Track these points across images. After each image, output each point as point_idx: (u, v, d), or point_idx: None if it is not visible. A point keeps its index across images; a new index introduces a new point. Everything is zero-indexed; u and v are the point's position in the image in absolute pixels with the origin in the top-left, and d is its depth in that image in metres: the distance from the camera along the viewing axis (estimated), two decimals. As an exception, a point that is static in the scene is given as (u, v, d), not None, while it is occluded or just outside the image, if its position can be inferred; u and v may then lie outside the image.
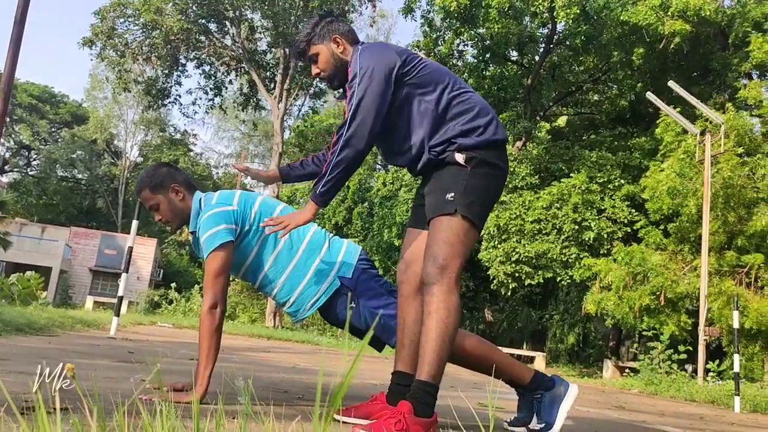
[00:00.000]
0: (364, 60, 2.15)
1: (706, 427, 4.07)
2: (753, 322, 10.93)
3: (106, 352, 4.27)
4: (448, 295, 2.02)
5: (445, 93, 2.19)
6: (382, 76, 2.12)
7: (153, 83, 22.58)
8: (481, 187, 2.12)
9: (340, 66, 2.29)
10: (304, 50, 2.34)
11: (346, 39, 2.29)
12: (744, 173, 11.89)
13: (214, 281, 2.32)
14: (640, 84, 16.22)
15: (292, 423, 1.85)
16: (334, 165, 2.07)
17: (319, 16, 2.34)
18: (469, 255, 2.14)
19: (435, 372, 1.98)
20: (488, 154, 2.15)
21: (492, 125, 2.19)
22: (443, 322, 1.99)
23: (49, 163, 45.15)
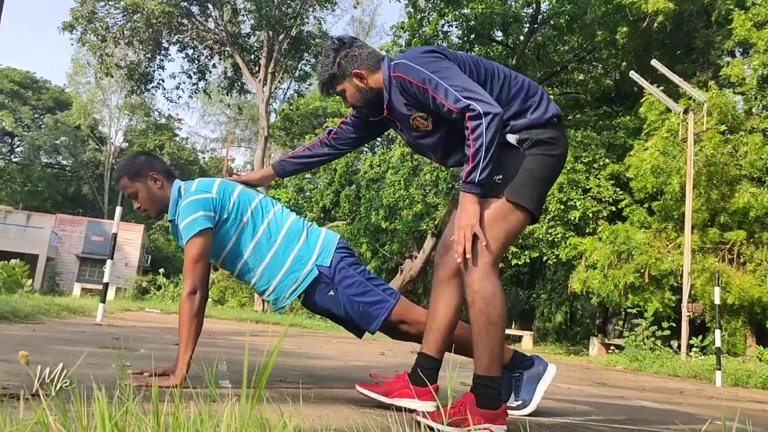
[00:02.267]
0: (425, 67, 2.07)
1: (683, 401, 4.16)
2: (735, 297, 11.10)
3: (90, 338, 4.28)
4: (484, 282, 1.97)
5: (494, 81, 2.14)
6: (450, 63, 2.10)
7: (135, 68, 22.33)
8: (534, 168, 2.06)
9: (370, 95, 2.25)
10: (330, 90, 2.29)
11: (367, 69, 2.21)
12: (727, 151, 12.00)
13: (193, 267, 2.34)
14: (625, 63, 16.26)
15: (258, 405, 1.88)
16: (486, 147, 1.95)
17: (334, 51, 2.24)
18: (512, 240, 2.08)
19: (488, 364, 1.97)
20: (542, 132, 2.09)
21: (543, 102, 2.14)
22: (483, 314, 1.96)
23: (33, 150, 44.66)
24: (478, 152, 1.96)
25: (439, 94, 2.02)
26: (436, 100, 2.03)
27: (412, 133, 2.28)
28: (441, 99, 2.02)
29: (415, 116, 2.18)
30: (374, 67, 2.22)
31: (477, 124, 1.95)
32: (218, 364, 3.38)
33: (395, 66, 2.14)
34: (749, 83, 12.62)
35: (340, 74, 2.23)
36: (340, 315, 2.47)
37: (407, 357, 5.83)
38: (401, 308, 2.46)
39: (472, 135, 1.96)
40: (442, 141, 2.24)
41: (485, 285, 1.97)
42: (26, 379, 1.98)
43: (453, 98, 1.99)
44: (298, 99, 25.87)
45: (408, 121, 2.22)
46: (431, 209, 18.73)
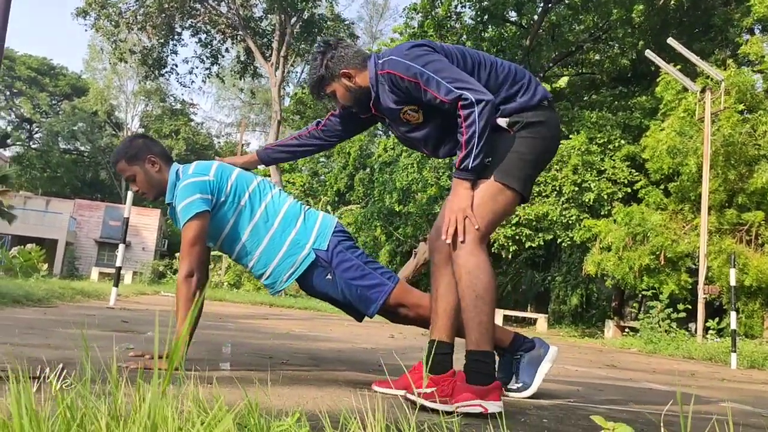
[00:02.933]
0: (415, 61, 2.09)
1: (693, 383, 4.11)
2: (753, 279, 10.94)
3: (100, 322, 4.32)
4: (469, 257, 2.00)
5: (481, 70, 2.17)
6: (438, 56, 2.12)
7: (149, 53, 22.36)
8: (523, 151, 2.09)
9: (360, 94, 2.27)
10: (318, 92, 2.32)
11: (355, 67, 2.24)
12: (745, 130, 11.76)
13: (190, 250, 2.33)
14: (641, 42, 15.98)
15: (246, 387, 1.87)
16: (479, 135, 1.98)
17: (320, 53, 2.27)
18: (499, 219, 2.11)
19: (477, 338, 1.98)
20: (532, 114, 2.13)
21: (531, 85, 2.17)
22: (470, 289, 1.98)
23: (51, 136, 45.08)
24: (471, 139, 2.00)
25: (431, 87, 2.05)
26: (428, 93, 2.07)
27: (400, 128, 2.30)
28: (433, 91, 2.05)
29: (405, 110, 2.21)
30: (361, 65, 2.25)
31: (469, 112, 1.99)
32: (222, 347, 3.40)
33: (383, 63, 2.17)
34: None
35: (328, 75, 2.26)
36: (338, 299, 2.46)
37: (417, 339, 5.83)
38: (399, 291, 2.44)
39: (465, 122, 2.00)
40: (432, 132, 2.27)
41: (470, 260, 2.00)
42: (26, 362, 1.99)
43: (445, 89, 2.03)
44: (311, 83, 25.79)
45: (397, 115, 2.24)
46: (445, 192, 18.65)
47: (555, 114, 2.23)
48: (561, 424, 1.91)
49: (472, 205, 2.03)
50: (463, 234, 2.02)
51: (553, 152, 2.25)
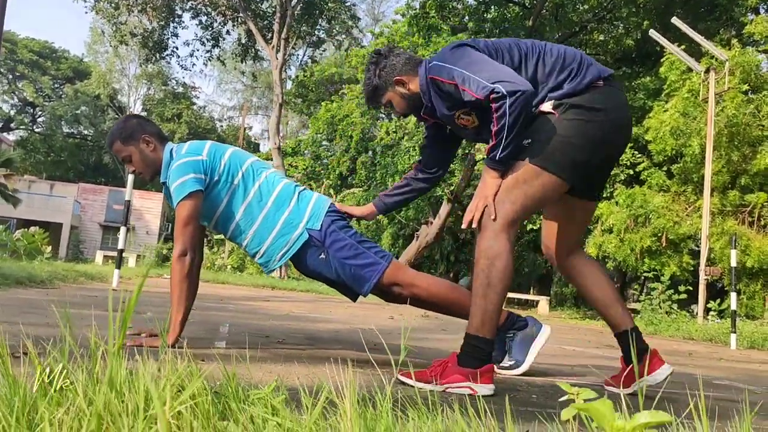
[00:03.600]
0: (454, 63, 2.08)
1: (690, 362, 4.13)
2: (755, 260, 10.94)
3: (101, 302, 4.36)
4: (491, 242, 1.98)
5: (528, 61, 2.12)
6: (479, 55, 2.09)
7: (149, 35, 22.26)
8: (567, 135, 2.02)
9: (416, 100, 2.27)
10: (377, 103, 2.33)
11: (408, 74, 2.24)
12: (749, 111, 11.69)
13: (184, 229, 2.35)
14: (646, 22, 15.83)
15: (236, 363, 1.89)
16: (509, 126, 1.94)
17: (373, 64, 2.28)
18: (535, 203, 2.06)
19: (478, 324, 1.98)
20: (581, 98, 2.05)
21: (582, 68, 2.09)
22: (484, 275, 1.97)
23: (54, 120, 45.06)
24: (500, 131, 1.96)
25: (467, 87, 2.02)
26: (465, 92, 2.03)
27: (464, 132, 2.29)
28: (469, 90, 2.01)
29: (458, 114, 2.19)
30: (413, 71, 2.25)
31: (500, 104, 1.95)
32: (220, 326, 3.43)
33: (430, 69, 2.16)
34: (773, 41, 12.24)
35: (383, 85, 2.27)
36: (332, 278, 2.47)
37: (416, 321, 5.86)
38: (393, 270, 2.45)
39: (496, 114, 1.97)
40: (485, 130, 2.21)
41: (492, 245, 1.98)
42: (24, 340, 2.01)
43: (479, 86, 1.98)
44: (312, 65, 25.68)
45: (454, 120, 2.22)
46: (447, 175, 18.62)
47: (613, 93, 2.11)
48: (550, 400, 1.93)
49: (504, 185, 2.01)
50: (488, 215, 2.00)
51: (614, 137, 2.13)
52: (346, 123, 21.99)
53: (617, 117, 2.10)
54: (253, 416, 0.86)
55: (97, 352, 0.97)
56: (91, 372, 0.91)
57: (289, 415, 0.86)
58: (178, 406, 0.76)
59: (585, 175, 2.11)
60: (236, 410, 0.89)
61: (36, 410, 0.83)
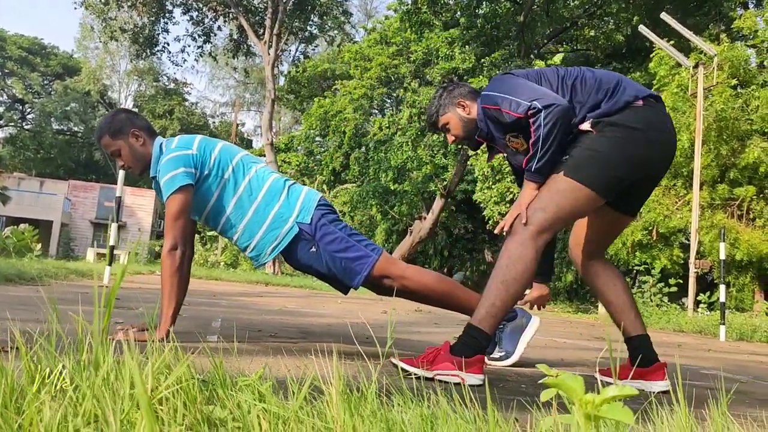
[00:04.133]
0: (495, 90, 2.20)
1: (678, 353, 4.17)
2: (744, 253, 11.03)
3: (91, 299, 4.35)
4: (518, 246, 2.03)
5: (564, 84, 2.17)
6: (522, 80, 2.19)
7: (140, 31, 22.14)
8: (602, 150, 2.05)
9: (471, 125, 2.38)
10: (435, 122, 2.45)
11: (469, 100, 2.39)
12: (737, 105, 11.77)
13: (174, 224, 2.36)
14: (636, 17, 15.87)
15: (227, 356, 1.90)
16: (543, 138, 2.02)
17: (442, 88, 2.44)
18: (567, 215, 2.09)
19: (482, 316, 2.01)
20: (619, 116, 2.08)
21: (619, 88, 2.13)
22: (502, 272, 2.02)
23: (44, 117, 44.76)
24: (536, 143, 2.04)
25: (507, 108, 2.11)
26: (507, 114, 2.13)
27: (516, 157, 2.35)
28: (508, 111, 2.11)
29: (508, 138, 2.26)
30: (473, 99, 2.39)
31: (536, 118, 2.02)
32: (212, 321, 3.44)
33: (481, 98, 2.27)
34: (762, 35, 12.31)
35: (445, 104, 2.40)
36: (323, 271, 2.49)
37: (409, 315, 5.88)
38: (384, 263, 2.46)
39: (533, 127, 2.04)
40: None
41: (518, 248, 2.03)
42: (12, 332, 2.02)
43: (517, 106, 2.08)
44: (305, 61, 25.61)
45: (505, 144, 2.31)
46: (440, 170, 18.65)
47: (655, 113, 2.14)
48: (538, 388, 1.95)
49: (539, 195, 2.08)
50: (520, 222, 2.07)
51: (654, 155, 2.15)
52: (339, 119, 21.97)
53: (656, 136, 2.12)
54: (240, 402, 0.88)
55: (84, 341, 0.99)
56: (79, 360, 0.92)
57: (276, 400, 0.88)
58: (163, 390, 0.78)
59: (621, 190, 2.15)
60: (223, 397, 0.90)
61: (23, 397, 0.85)
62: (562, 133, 2.03)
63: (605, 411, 0.60)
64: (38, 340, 1.03)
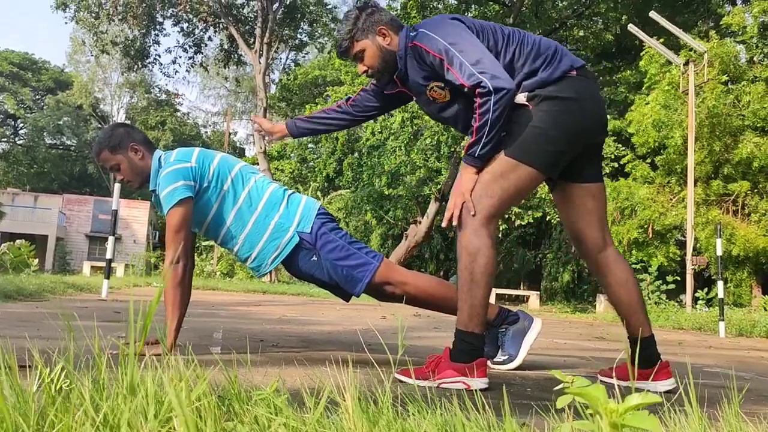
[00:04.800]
0: (442, 36, 2.06)
1: (680, 351, 4.19)
2: (740, 249, 11.09)
3: (92, 313, 4.34)
4: (471, 238, 1.98)
5: (508, 46, 2.11)
6: (469, 35, 2.07)
7: (131, 44, 22.14)
8: (542, 125, 2.01)
9: (389, 59, 2.21)
10: (348, 48, 2.23)
11: (391, 29, 2.20)
12: (729, 101, 11.85)
13: (175, 236, 2.36)
14: (625, 16, 15.97)
15: (233, 367, 1.90)
16: (491, 124, 1.95)
17: (358, 9, 2.23)
18: (513, 196, 2.05)
19: (466, 319, 1.99)
20: (555, 88, 2.04)
21: (556, 58, 2.09)
22: (467, 271, 1.98)
23: (37, 131, 44.66)
24: (482, 128, 1.97)
25: (453, 67, 2.01)
26: (450, 71, 2.03)
27: (430, 106, 2.26)
28: (455, 72, 2.01)
29: (432, 86, 2.16)
30: (395, 30, 2.21)
31: (485, 100, 1.95)
32: (214, 332, 3.43)
33: (416, 35, 2.13)
34: (750, 31, 12.41)
35: (363, 29, 2.20)
36: (324, 280, 2.49)
37: (409, 320, 5.88)
38: (385, 270, 2.47)
39: (480, 110, 1.96)
40: (462, 112, 2.20)
41: (472, 241, 1.99)
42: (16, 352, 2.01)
43: (467, 73, 1.98)
44: (295, 69, 25.65)
45: (425, 92, 2.20)
46: (434, 173, 18.66)
47: (587, 83, 2.12)
48: (544, 392, 1.96)
49: (480, 179, 2.01)
50: (467, 211, 2.01)
51: (590, 125, 2.12)
52: (331, 125, 21.95)
53: (591, 106, 2.11)
54: (257, 416, 0.88)
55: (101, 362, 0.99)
56: (97, 379, 0.92)
57: (293, 414, 0.88)
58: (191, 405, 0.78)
59: (563, 164, 2.11)
60: (240, 412, 0.90)
61: (45, 417, 0.85)
62: (506, 116, 1.97)
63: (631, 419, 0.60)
64: (57, 359, 1.03)
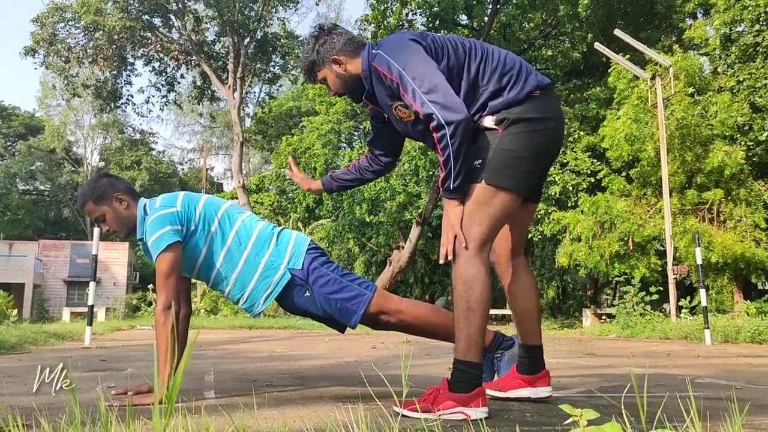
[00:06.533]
0: (397, 60, 2.07)
1: (670, 363, 4.22)
2: (719, 255, 11.24)
3: (77, 363, 4.26)
4: (466, 267, 1.99)
5: (471, 62, 2.12)
6: (425, 58, 2.07)
7: (103, 86, 22.07)
8: (514, 148, 2.03)
9: (351, 81, 2.24)
10: (312, 77, 2.30)
11: (346, 54, 2.22)
12: (697, 112, 12.12)
13: (165, 282, 2.34)
14: (590, 34, 16.33)
15: (232, 412, 1.89)
16: (454, 157, 1.96)
17: (313, 38, 2.26)
18: (500, 221, 2.06)
19: (464, 349, 1.99)
20: (522, 109, 2.06)
21: (521, 77, 2.09)
22: (463, 300, 1.99)
23: (9, 178, 44.09)
24: (447, 162, 1.99)
25: (407, 93, 2.03)
26: (405, 98, 2.05)
27: (399, 123, 2.26)
28: (409, 99, 2.03)
29: (396, 105, 2.17)
30: (353, 53, 2.22)
31: (441, 135, 1.96)
32: (205, 375, 3.39)
33: (373, 56, 2.14)
34: (713, 43, 12.75)
35: (319, 61, 2.24)
36: (319, 314, 2.48)
37: (399, 348, 5.86)
38: (378, 299, 2.47)
39: (439, 145, 1.98)
40: (428, 129, 2.17)
41: (467, 269, 2.00)
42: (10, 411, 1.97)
43: (419, 101, 1.99)
44: (270, 101, 25.74)
45: (392, 110, 2.21)
46: (414, 198, 18.77)
47: (551, 101, 2.15)
48: (542, 416, 1.96)
49: (466, 210, 2.03)
50: (459, 242, 2.03)
51: (555, 143, 2.17)
52: (308, 155, 22.03)
53: (557, 125, 2.16)
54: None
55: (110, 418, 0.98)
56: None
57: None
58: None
59: (534, 182, 2.16)
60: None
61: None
62: (468, 143, 1.99)
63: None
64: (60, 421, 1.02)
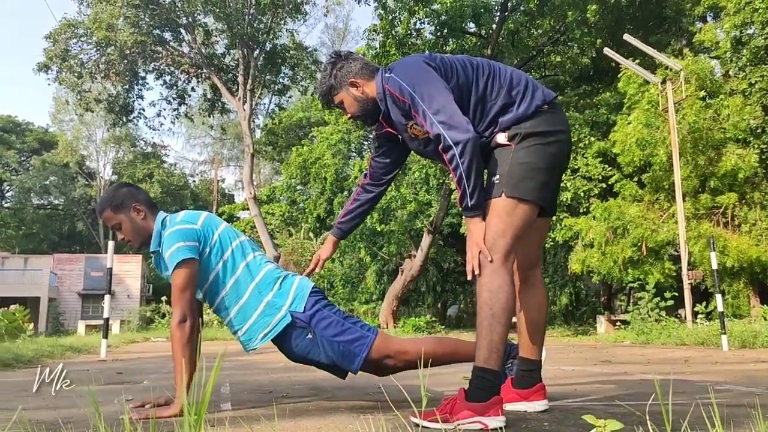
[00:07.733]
0: (408, 82, 2.15)
1: (687, 370, 4.18)
2: (734, 260, 11.13)
3: (94, 376, 4.28)
4: (492, 277, 2.02)
5: (479, 79, 2.19)
6: (435, 80, 2.14)
7: (115, 100, 22.31)
8: (530, 161, 2.09)
9: (367, 104, 2.32)
10: (329, 101, 2.38)
11: (362, 77, 2.30)
12: (709, 116, 12.04)
13: (181, 296, 2.36)
14: (599, 40, 16.29)
15: (251, 425, 1.89)
16: (466, 175, 2.02)
17: (330, 64, 2.35)
18: (522, 232, 2.10)
19: (485, 356, 2.00)
20: (532, 123, 2.13)
21: (528, 92, 2.16)
22: (488, 307, 2.01)
23: (23, 193, 44.60)
24: (460, 181, 2.04)
25: (418, 114, 2.11)
26: (417, 119, 2.13)
27: (413, 142, 2.34)
28: (420, 119, 2.11)
29: (411, 124, 2.24)
30: (368, 77, 2.31)
31: (451, 156, 2.03)
32: (221, 387, 3.40)
33: (387, 79, 2.23)
34: (723, 46, 12.68)
35: (337, 85, 2.33)
36: (320, 359, 2.45)
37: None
38: (381, 341, 2.45)
39: (450, 165, 2.04)
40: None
41: (492, 279, 2.02)
42: (30, 427, 1.99)
43: (428, 121, 2.07)
44: (280, 112, 25.89)
45: (406, 130, 2.28)
46: (424, 206, 18.75)
47: (558, 115, 2.22)
48: (561, 426, 1.95)
49: (489, 223, 2.07)
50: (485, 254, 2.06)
51: (565, 153, 2.24)
52: (318, 165, 22.10)
53: (566, 137, 2.22)
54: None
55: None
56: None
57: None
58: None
59: (551, 193, 2.21)
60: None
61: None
62: (479, 160, 2.04)
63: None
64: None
